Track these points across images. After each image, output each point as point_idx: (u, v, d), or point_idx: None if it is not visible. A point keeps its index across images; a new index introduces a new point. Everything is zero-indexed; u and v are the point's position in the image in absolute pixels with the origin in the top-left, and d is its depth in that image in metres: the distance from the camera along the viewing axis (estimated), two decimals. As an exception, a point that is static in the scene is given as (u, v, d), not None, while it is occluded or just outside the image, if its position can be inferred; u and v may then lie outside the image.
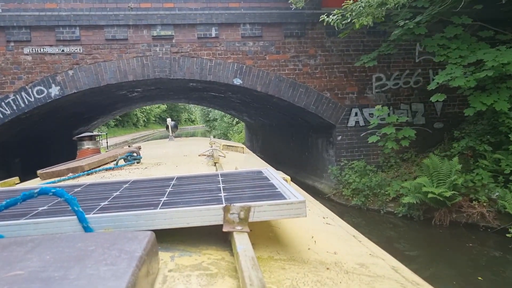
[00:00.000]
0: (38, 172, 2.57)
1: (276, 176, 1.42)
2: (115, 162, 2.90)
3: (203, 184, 1.39)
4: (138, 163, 2.94)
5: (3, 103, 8.04)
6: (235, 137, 23.56)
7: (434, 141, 9.01)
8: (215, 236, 1.00)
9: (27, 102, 8.12)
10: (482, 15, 7.68)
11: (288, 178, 1.68)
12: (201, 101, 16.22)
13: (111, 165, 2.86)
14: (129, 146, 5.23)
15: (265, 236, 1.13)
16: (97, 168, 2.70)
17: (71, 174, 2.44)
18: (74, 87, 8.25)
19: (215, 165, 2.66)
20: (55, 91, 8.19)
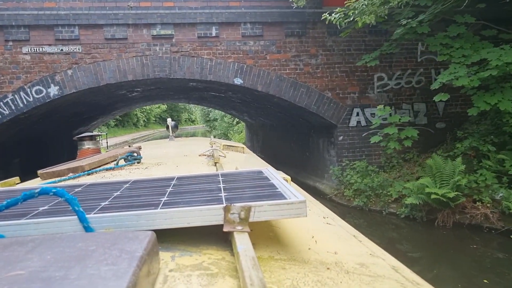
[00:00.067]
0: (39, 172, 2.57)
1: (276, 176, 1.43)
2: (115, 162, 2.91)
3: (204, 184, 1.39)
4: (138, 163, 2.94)
5: (1, 103, 8.02)
6: (235, 137, 23.56)
7: (436, 141, 8.99)
8: (216, 236, 1.01)
9: (25, 102, 8.10)
10: (485, 14, 7.66)
11: (289, 178, 1.68)
12: (201, 101, 16.21)
13: (112, 165, 2.86)
14: (129, 146, 5.24)
15: (265, 236, 1.13)
16: (97, 168, 2.70)
17: (71, 174, 2.45)
18: (73, 86, 8.23)
19: (215, 165, 2.66)
20: (54, 91, 8.17)
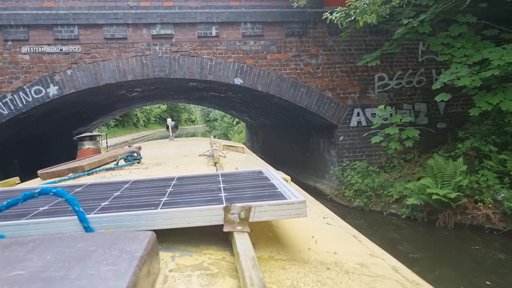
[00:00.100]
0: (39, 172, 2.57)
1: (276, 176, 1.43)
2: (115, 162, 2.91)
3: (204, 184, 1.39)
4: (138, 163, 2.94)
5: (0, 103, 8.01)
6: (235, 137, 23.55)
7: (437, 141, 8.98)
8: (216, 236, 1.01)
9: (25, 102, 8.09)
10: (486, 13, 7.65)
11: (288, 178, 1.68)
12: (201, 101, 16.21)
13: (112, 165, 2.86)
14: (129, 146, 5.23)
15: (265, 236, 1.13)
16: (97, 168, 2.70)
17: (71, 174, 2.45)
18: (72, 86, 8.21)
19: (215, 165, 2.66)
20: (53, 90, 8.16)
